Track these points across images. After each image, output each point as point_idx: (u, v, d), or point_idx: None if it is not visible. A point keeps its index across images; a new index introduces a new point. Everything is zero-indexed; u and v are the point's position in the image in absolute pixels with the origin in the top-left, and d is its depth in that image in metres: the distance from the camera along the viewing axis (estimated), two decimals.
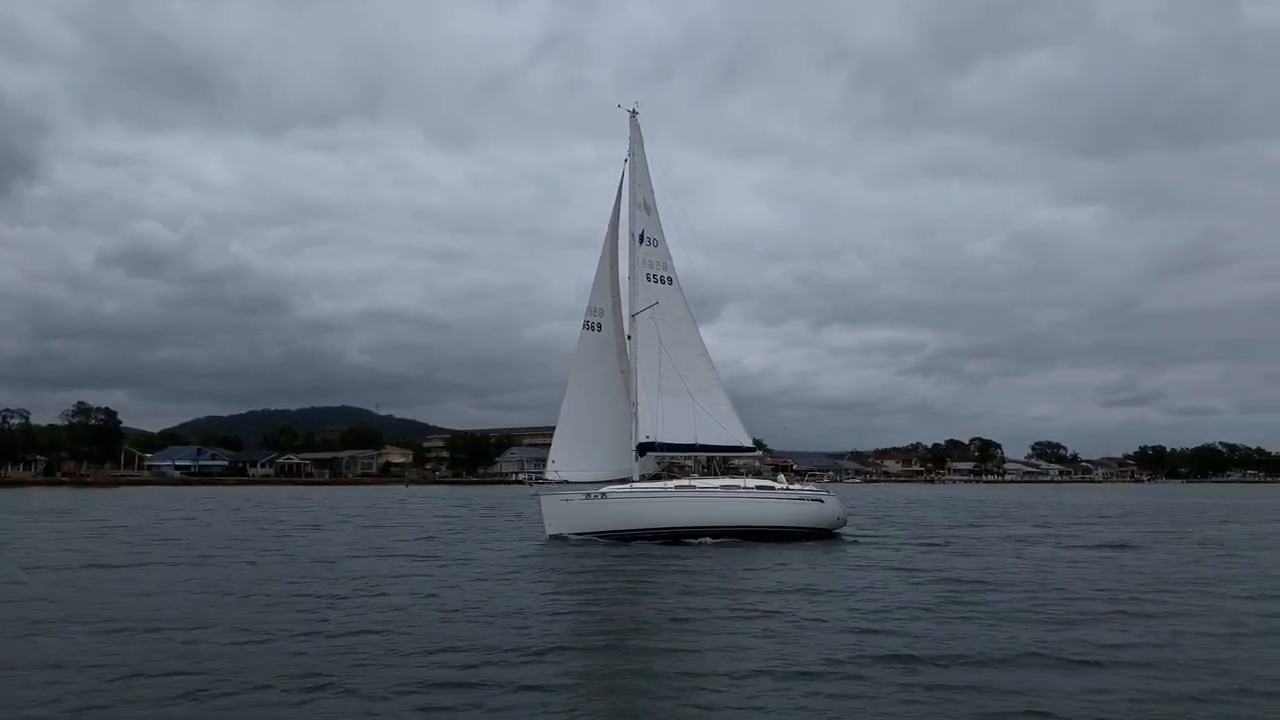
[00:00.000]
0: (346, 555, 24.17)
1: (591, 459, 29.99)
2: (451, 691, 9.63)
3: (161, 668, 10.55)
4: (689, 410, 31.33)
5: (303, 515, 45.87)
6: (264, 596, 16.31)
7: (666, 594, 17.01)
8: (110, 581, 18.72)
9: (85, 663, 10.85)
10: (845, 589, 17.41)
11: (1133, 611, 14.72)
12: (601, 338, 32.01)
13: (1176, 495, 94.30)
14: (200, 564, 21.99)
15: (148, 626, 13.17)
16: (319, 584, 18.10)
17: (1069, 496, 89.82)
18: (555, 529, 28.38)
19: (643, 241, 33.07)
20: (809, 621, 13.73)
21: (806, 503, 29.77)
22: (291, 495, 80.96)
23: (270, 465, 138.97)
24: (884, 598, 16.20)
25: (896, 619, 13.92)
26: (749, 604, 15.48)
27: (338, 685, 9.79)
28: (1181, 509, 57.37)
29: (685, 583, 18.54)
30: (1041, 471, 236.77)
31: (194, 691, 9.52)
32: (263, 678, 10.06)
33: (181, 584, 18.10)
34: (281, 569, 20.93)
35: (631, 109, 33.97)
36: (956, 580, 18.67)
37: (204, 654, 11.35)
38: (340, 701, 9.24)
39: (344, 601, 15.70)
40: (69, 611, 14.56)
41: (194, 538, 30.20)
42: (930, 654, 11.32)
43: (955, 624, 13.52)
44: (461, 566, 21.55)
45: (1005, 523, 40.63)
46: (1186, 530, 35.95)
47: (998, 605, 15.22)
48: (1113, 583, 18.40)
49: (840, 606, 15.18)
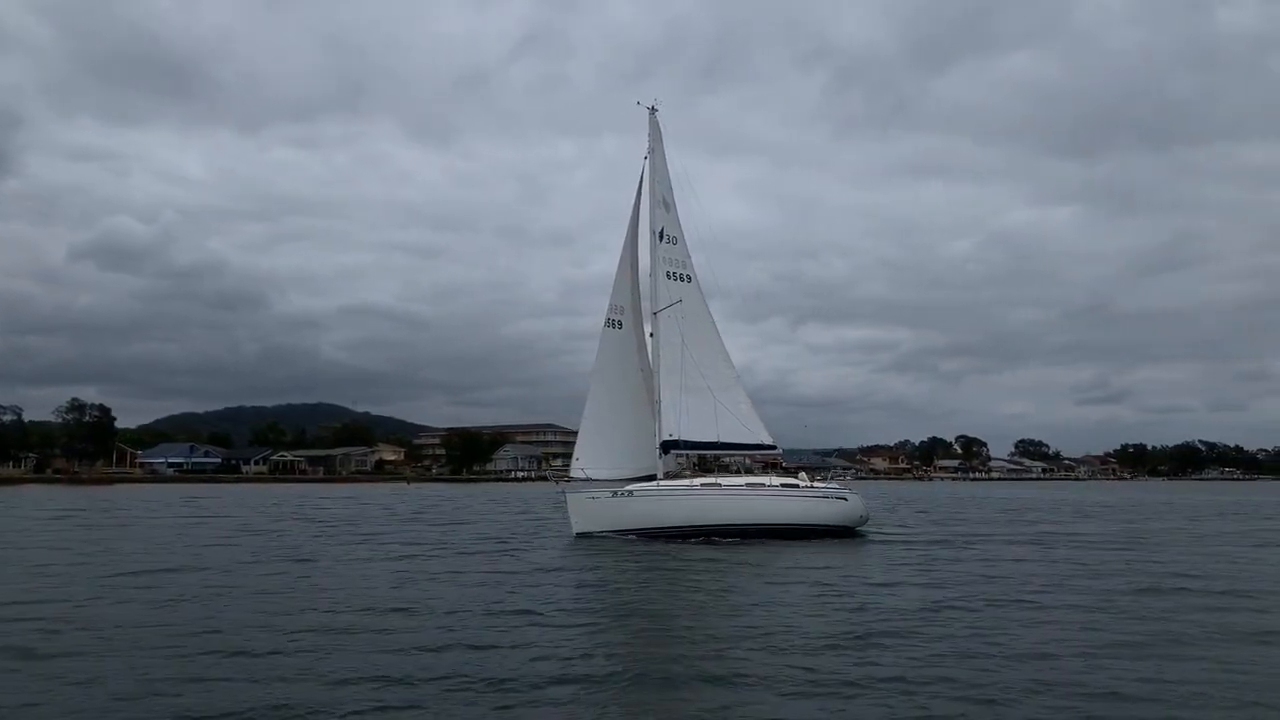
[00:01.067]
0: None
1: (615, 456, 29.60)
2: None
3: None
4: (711, 408, 30.94)
5: (384, 513, 45.35)
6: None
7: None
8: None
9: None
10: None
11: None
12: (622, 335, 31.61)
13: (1195, 494, 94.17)
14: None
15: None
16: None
17: (1078, 494, 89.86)
18: (583, 527, 27.94)
19: (663, 239, 32.66)
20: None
21: (831, 500, 29.45)
22: (306, 493, 79.56)
23: (264, 463, 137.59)
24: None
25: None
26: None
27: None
28: (1240, 505, 57.51)
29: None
30: (1025, 469, 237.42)
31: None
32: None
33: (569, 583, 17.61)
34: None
35: (651, 106, 33.61)
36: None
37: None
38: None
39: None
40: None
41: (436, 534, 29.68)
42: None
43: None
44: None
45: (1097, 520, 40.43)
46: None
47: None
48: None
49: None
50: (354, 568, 20.62)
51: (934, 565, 21.44)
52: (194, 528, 34.00)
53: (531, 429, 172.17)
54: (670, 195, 33.41)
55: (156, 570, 19.86)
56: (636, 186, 32.80)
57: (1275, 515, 47.51)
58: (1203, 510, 52.60)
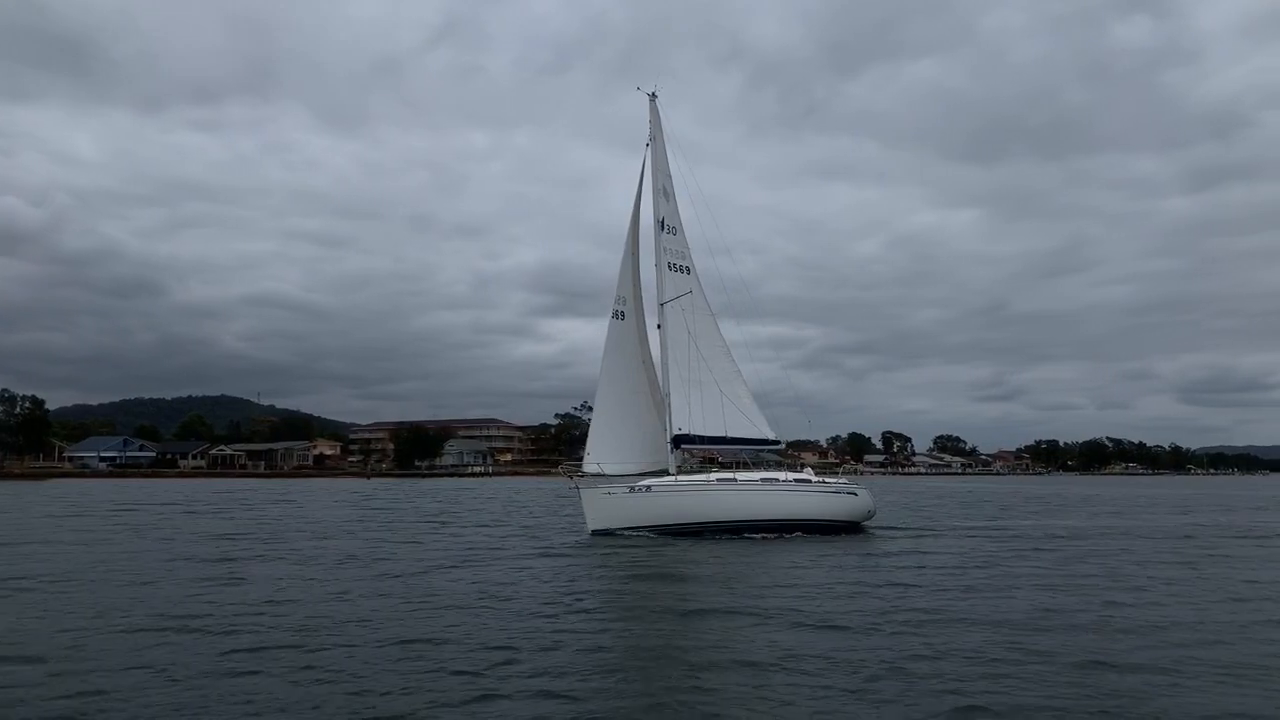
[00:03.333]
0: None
1: (625, 451, 28.05)
2: None
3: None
4: (718, 402, 29.64)
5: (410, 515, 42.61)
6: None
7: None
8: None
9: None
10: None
11: None
12: (625, 327, 30.07)
13: (1120, 488, 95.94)
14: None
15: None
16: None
17: (1016, 487, 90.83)
18: (599, 524, 26.30)
19: (663, 229, 31.27)
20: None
21: (843, 495, 28.36)
22: (281, 488, 75.93)
23: (202, 457, 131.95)
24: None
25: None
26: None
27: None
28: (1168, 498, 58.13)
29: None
30: (946, 464, 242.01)
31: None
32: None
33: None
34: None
35: (651, 92, 32.12)
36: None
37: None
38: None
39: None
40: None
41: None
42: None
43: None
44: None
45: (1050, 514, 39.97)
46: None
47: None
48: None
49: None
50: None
51: (1065, 566, 19.93)
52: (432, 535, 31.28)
53: (474, 424, 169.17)
54: (670, 185, 31.99)
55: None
56: (639, 175, 31.40)
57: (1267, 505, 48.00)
58: (1161, 501, 52.99)
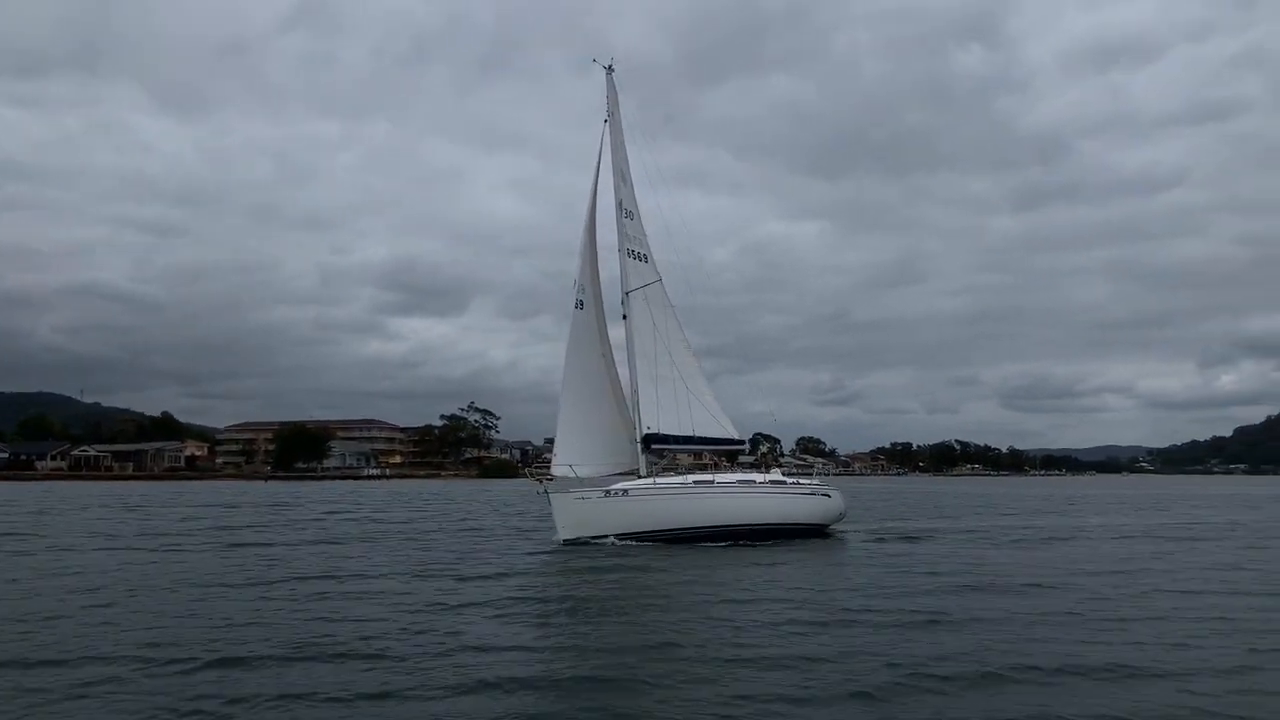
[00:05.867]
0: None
1: (593, 451, 24.98)
2: None
3: None
4: (685, 399, 26.94)
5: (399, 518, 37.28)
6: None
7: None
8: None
9: None
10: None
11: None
12: (585, 317, 27.06)
13: (990, 486, 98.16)
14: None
15: None
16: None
17: (899, 487, 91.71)
18: (571, 532, 23.06)
19: (621, 212, 28.46)
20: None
21: (818, 498, 26.15)
22: (191, 493, 68.71)
23: (63, 458, 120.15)
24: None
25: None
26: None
27: None
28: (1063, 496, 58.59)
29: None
30: (809, 465, 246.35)
31: None
32: None
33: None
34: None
35: (608, 65, 29.34)
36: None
37: None
38: None
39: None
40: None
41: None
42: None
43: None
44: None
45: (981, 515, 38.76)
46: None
47: None
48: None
49: None
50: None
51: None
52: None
53: (353, 424, 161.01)
54: (626, 166, 29.19)
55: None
56: (597, 153, 28.46)
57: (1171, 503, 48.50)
58: (1053, 499, 53.36)
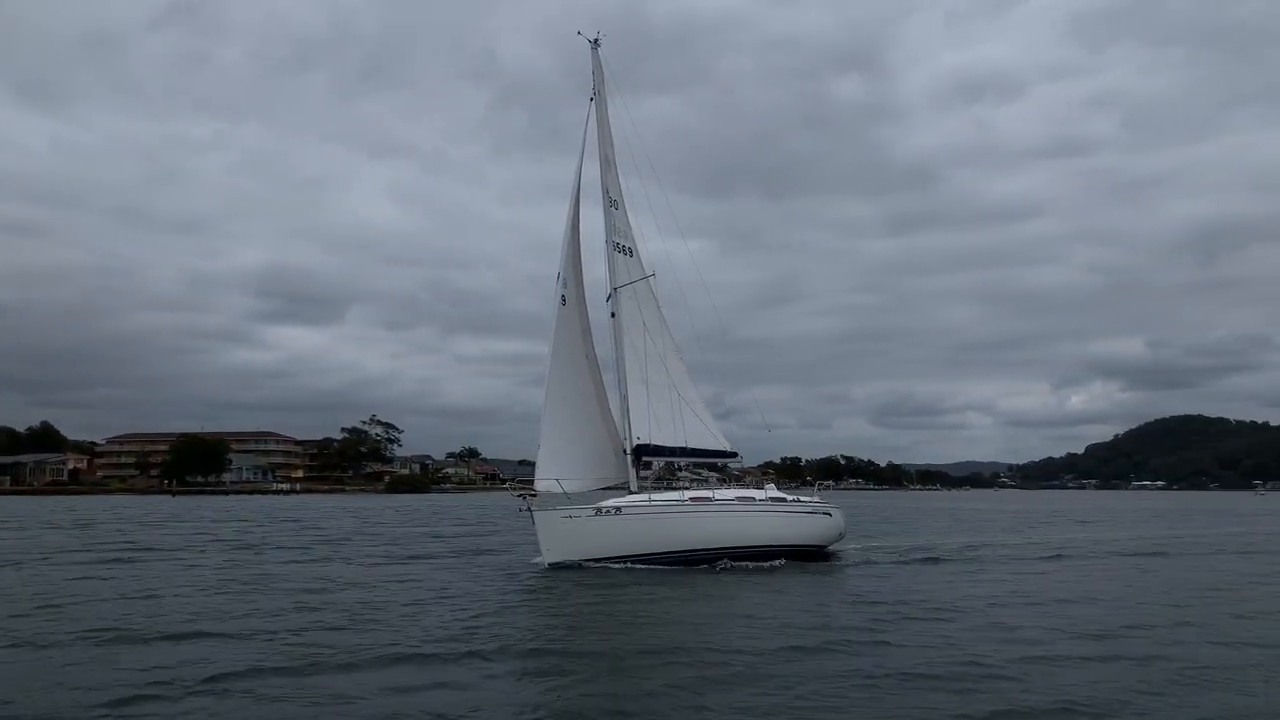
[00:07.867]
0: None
1: (579, 463, 21.85)
2: None
3: None
4: (676, 407, 24.12)
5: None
6: None
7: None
8: None
9: None
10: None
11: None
12: (568, 314, 23.99)
13: (891, 500, 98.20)
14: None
15: None
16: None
17: None
18: (558, 555, 19.81)
19: (606, 200, 25.63)
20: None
21: (819, 516, 23.69)
22: (97, 508, 60.96)
23: None
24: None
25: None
26: None
27: None
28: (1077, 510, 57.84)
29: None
30: (704, 479, 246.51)
31: None
32: None
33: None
34: None
35: (594, 39, 26.27)
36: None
37: None
38: None
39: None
40: None
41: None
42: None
43: None
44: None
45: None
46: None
47: None
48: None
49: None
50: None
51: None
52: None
53: (249, 436, 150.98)
54: (612, 151, 26.29)
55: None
56: (582, 133, 25.50)
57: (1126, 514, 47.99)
58: (985, 513, 52.68)
